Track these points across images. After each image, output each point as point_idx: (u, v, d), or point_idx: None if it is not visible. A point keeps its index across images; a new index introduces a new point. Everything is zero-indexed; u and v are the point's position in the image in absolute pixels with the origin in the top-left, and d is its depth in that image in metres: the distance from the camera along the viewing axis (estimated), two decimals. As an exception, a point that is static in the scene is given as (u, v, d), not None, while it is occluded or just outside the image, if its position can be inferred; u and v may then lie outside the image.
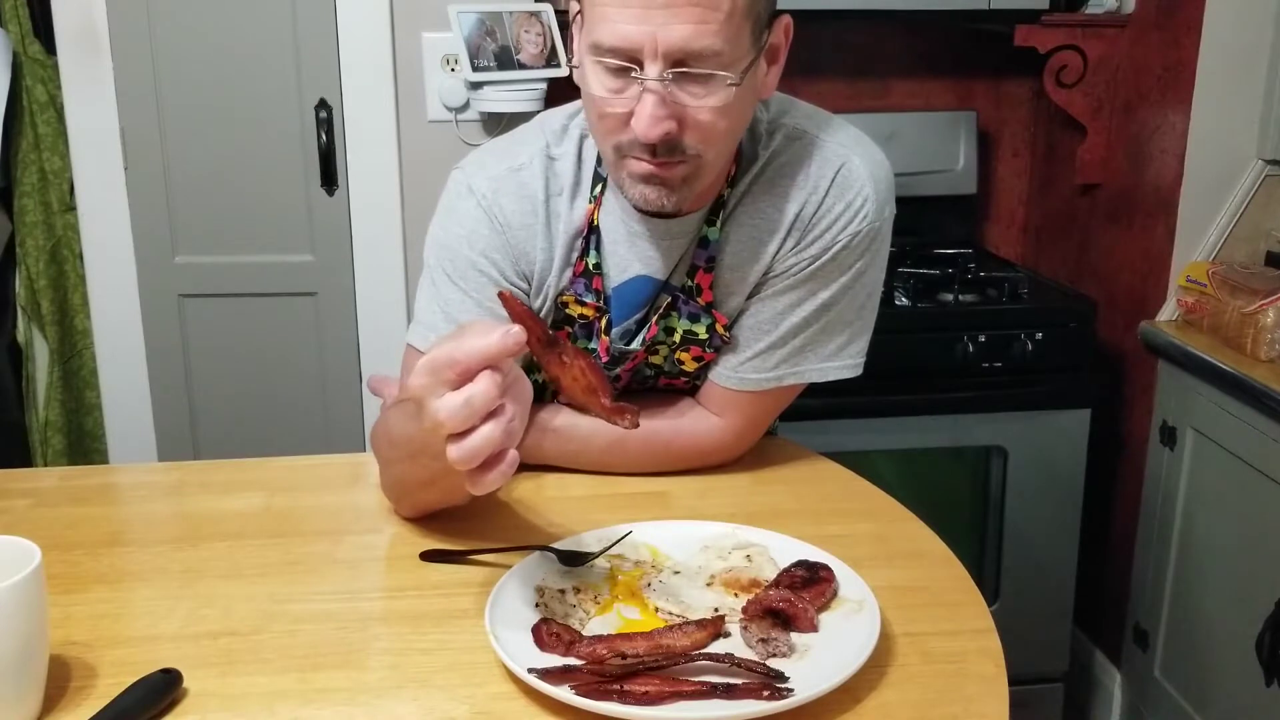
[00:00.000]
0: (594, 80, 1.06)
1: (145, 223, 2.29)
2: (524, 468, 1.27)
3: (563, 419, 1.25)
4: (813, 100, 1.25)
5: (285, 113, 2.26)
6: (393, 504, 1.18)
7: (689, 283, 1.20)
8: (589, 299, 1.21)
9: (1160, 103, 2.24)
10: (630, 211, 1.18)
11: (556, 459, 1.26)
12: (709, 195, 1.17)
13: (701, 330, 1.22)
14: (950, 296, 2.27)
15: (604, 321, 1.22)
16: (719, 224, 1.18)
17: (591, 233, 1.19)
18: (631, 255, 1.20)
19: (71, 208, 2.39)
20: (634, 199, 1.11)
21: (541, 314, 1.22)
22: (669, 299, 1.21)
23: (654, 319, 1.21)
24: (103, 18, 2.19)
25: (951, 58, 2.67)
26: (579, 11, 1.08)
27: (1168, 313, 2.25)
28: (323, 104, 2.25)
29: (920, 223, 2.63)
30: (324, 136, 2.26)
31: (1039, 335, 2.21)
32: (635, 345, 1.22)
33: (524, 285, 1.20)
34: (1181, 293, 2.20)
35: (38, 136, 2.40)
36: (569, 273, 1.20)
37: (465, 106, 2.23)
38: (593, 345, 1.24)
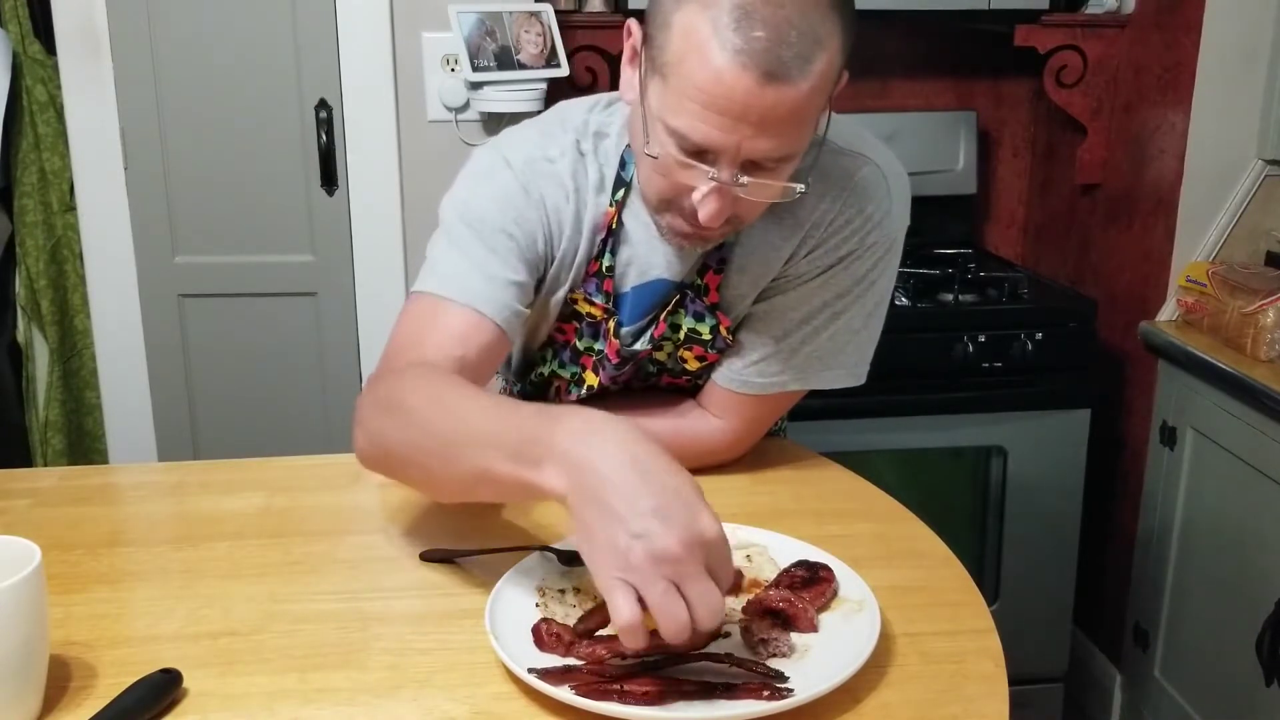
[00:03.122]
0: (661, 146, 1.01)
1: (145, 223, 2.29)
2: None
3: None
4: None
5: (285, 113, 2.26)
6: (369, 463, 1.10)
7: (698, 281, 1.20)
8: (598, 300, 1.20)
9: (1160, 103, 2.24)
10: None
11: None
12: None
13: (705, 330, 1.21)
14: (950, 296, 2.27)
15: (611, 324, 1.21)
16: None
17: (610, 235, 1.18)
18: (654, 258, 1.19)
19: (71, 208, 2.39)
20: (668, 241, 1.12)
21: (552, 303, 1.20)
22: (678, 295, 1.20)
23: (662, 316, 1.21)
24: (103, 18, 2.19)
25: (951, 58, 2.67)
26: (648, 54, 1.01)
27: (1168, 313, 2.25)
28: (323, 104, 2.25)
29: (920, 223, 2.58)
30: (324, 136, 2.26)
31: (1039, 335, 2.21)
32: (642, 344, 1.22)
33: (542, 268, 1.17)
34: (1181, 293, 2.20)
35: (38, 136, 2.40)
36: (584, 270, 1.20)
37: (465, 106, 2.23)
38: (599, 346, 1.23)
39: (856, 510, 1.21)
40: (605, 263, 1.18)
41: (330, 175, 2.29)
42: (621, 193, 1.17)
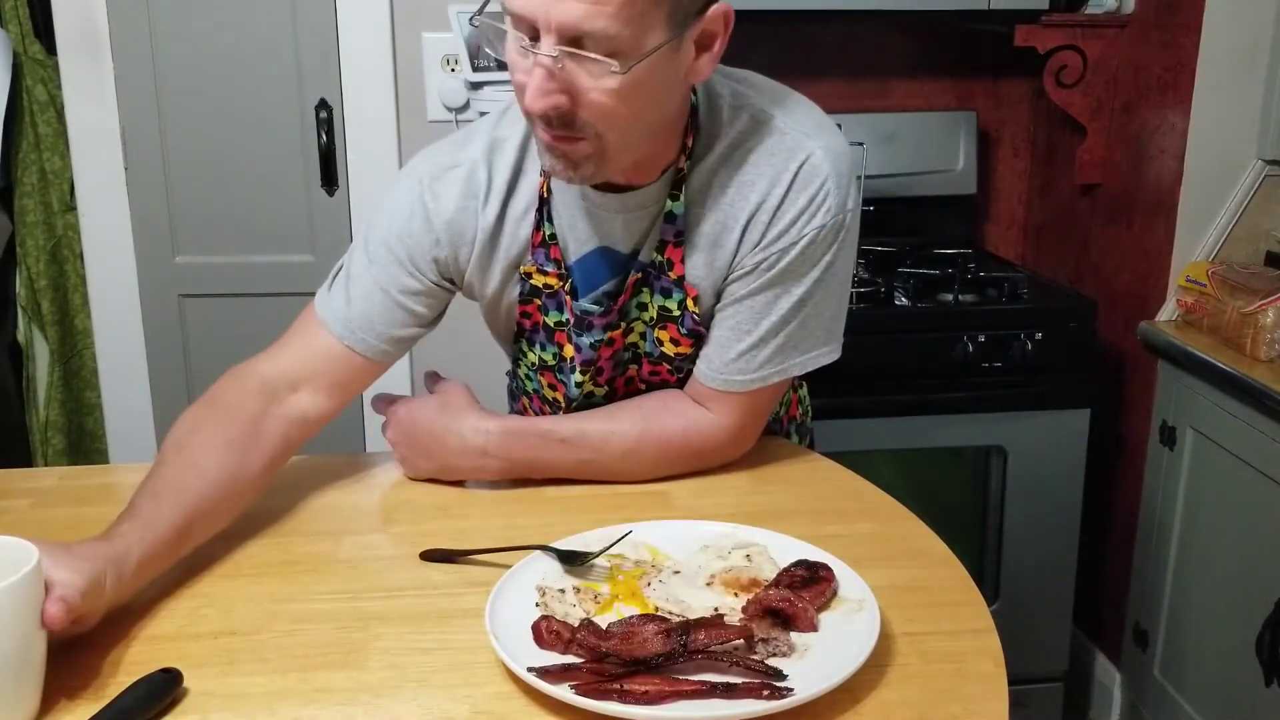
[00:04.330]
0: (510, 43, 1.05)
1: (145, 223, 2.29)
2: (525, 469, 1.27)
3: (570, 428, 1.24)
4: (813, 100, 1.24)
5: (285, 113, 2.26)
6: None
7: (659, 258, 1.20)
8: (550, 268, 1.22)
9: (1160, 103, 2.24)
10: (585, 186, 1.18)
11: (567, 471, 1.24)
12: (657, 168, 1.16)
13: (674, 306, 1.22)
14: (950, 296, 2.27)
15: (568, 286, 1.22)
16: (682, 198, 1.18)
17: (543, 204, 1.20)
18: (590, 229, 1.20)
19: (71, 208, 2.39)
20: (544, 166, 1.12)
21: (505, 292, 1.25)
22: (639, 275, 1.21)
23: (622, 296, 1.22)
24: (103, 18, 2.19)
25: (951, 58, 2.67)
26: None
27: (1167, 313, 2.25)
28: (323, 104, 2.25)
29: (920, 223, 2.63)
30: (324, 136, 2.26)
31: (1039, 335, 2.21)
32: (599, 308, 1.23)
33: (432, 276, 1.22)
34: (1181, 293, 2.20)
35: (38, 136, 2.40)
36: (527, 245, 1.22)
37: (465, 106, 2.23)
38: (565, 317, 1.24)
39: (856, 510, 1.21)
40: (547, 231, 1.20)
41: (330, 175, 2.29)
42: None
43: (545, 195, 1.20)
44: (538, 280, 1.23)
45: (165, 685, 0.86)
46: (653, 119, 1.10)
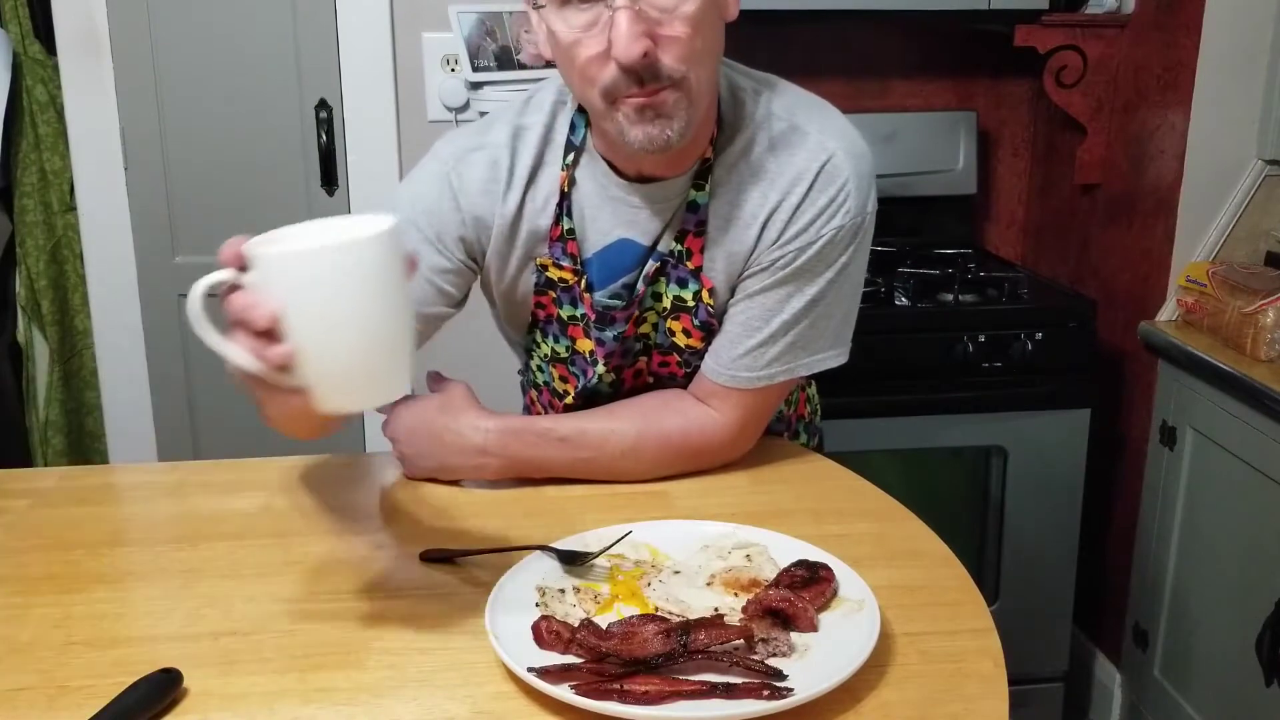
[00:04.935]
0: (562, 27, 1.06)
1: (145, 223, 2.29)
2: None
3: (569, 426, 1.24)
4: (813, 100, 1.25)
5: (285, 113, 2.26)
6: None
7: (678, 247, 1.21)
8: (565, 263, 1.22)
9: (1160, 103, 2.24)
10: (610, 177, 1.19)
11: (566, 469, 1.24)
12: (689, 159, 1.17)
13: (689, 297, 1.22)
14: (950, 296, 2.27)
15: (583, 282, 1.23)
16: (707, 188, 1.18)
17: (564, 199, 1.20)
18: (614, 220, 1.21)
19: (71, 208, 2.39)
20: (637, 143, 1.10)
21: (520, 280, 1.26)
22: (657, 265, 1.21)
23: (641, 285, 1.22)
24: (103, 18, 2.19)
25: (951, 58, 2.67)
26: None
27: (1168, 313, 2.25)
28: (323, 104, 2.25)
29: (920, 223, 2.63)
30: (324, 136, 2.26)
31: (1039, 335, 2.21)
32: (617, 302, 1.23)
33: (460, 255, 1.23)
34: (1181, 293, 2.21)
35: (38, 137, 2.40)
36: (545, 237, 1.22)
37: (465, 106, 2.23)
38: (580, 311, 1.24)
39: (856, 510, 1.21)
40: (565, 225, 1.21)
41: (330, 175, 2.29)
42: (571, 156, 1.20)
43: (565, 190, 1.20)
44: (553, 274, 1.24)
45: (165, 685, 0.86)
46: (714, 60, 1.12)
